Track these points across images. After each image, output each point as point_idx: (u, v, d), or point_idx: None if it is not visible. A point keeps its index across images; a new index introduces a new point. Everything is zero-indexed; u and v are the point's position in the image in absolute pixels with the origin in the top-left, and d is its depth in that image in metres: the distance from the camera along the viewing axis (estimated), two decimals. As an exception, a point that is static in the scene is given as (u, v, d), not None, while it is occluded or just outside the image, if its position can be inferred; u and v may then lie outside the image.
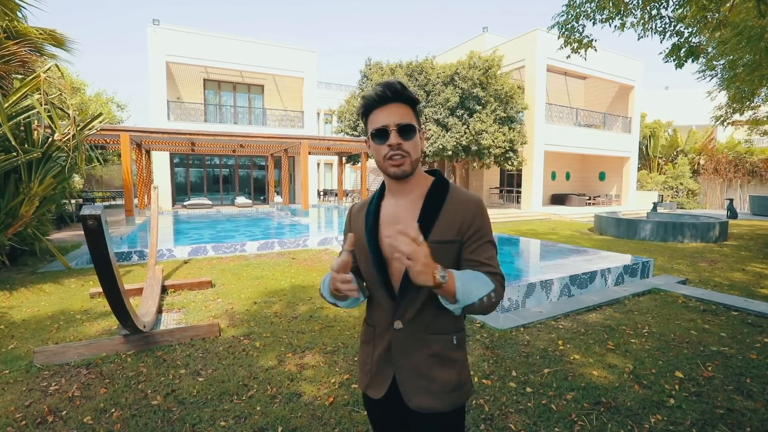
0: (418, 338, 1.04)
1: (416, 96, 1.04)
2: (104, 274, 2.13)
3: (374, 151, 1.03)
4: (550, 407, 2.30)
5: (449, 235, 1.01)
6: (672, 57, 5.79)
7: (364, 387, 1.14)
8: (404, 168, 1.00)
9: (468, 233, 1.02)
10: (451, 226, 1.01)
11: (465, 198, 1.05)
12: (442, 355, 1.04)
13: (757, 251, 7.95)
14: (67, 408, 2.29)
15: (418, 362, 1.04)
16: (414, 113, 1.03)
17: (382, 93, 1.00)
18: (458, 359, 1.07)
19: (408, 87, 1.02)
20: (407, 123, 1.00)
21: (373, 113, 1.02)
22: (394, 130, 0.99)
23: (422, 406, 1.03)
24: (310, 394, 2.47)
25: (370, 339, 1.13)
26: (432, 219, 1.01)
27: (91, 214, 1.80)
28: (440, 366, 1.04)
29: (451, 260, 1.03)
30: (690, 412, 2.24)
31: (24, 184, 4.99)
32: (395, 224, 1.02)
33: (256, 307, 4.15)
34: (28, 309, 4.04)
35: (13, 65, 4.75)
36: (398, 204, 1.07)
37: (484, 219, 1.05)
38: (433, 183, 1.07)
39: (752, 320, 3.70)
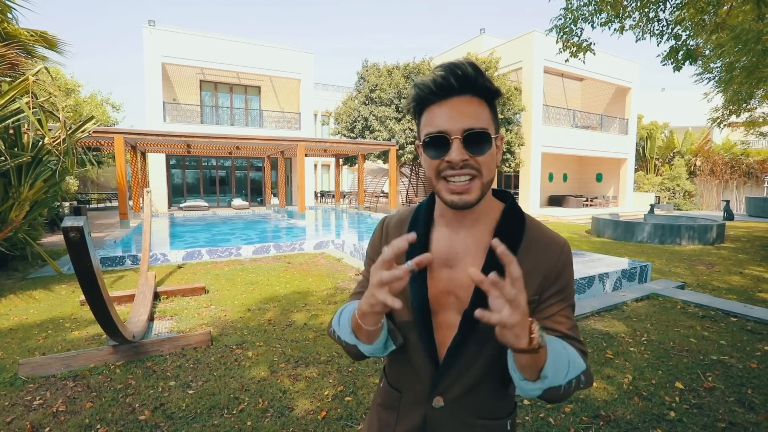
0: (464, 422, 0.79)
1: (496, 86, 0.71)
2: (88, 287, 2.07)
3: (426, 165, 0.73)
4: (548, 421, 2.25)
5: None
6: (670, 60, 5.77)
7: None
8: (468, 198, 0.70)
9: (549, 291, 0.74)
10: (528, 281, 0.71)
11: (548, 240, 0.76)
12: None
13: (754, 254, 7.94)
14: (51, 424, 2.22)
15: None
16: (491, 112, 0.72)
17: (444, 81, 0.68)
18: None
19: (482, 72, 0.69)
20: (480, 129, 0.68)
21: (428, 109, 0.71)
22: (458, 139, 0.68)
23: None
24: (303, 407, 2.40)
25: (393, 406, 0.85)
26: (503, 269, 0.68)
27: (72, 226, 1.74)
28: None
29: None
30: (691, 426, 2.19)
31: (14, 189, 4.91)
32: (450, 266, 0.76)
33: (250, 314, 4.08)
34: (16, 317, 3.96)
35: (2, 68, 4.67)
36: (455, 239, 0.77)
37: (571, 273, 0.76)
38: (504, 213, 0.77)
39: (752, 327, 3.66)
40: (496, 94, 0.71)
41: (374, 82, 15.91)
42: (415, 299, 0.77)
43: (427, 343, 0.76)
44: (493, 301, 0.57)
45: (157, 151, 15.47)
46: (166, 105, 17.15)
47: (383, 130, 15.52)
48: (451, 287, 0.76)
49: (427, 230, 0.80)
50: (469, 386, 0.76)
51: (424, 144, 0.71)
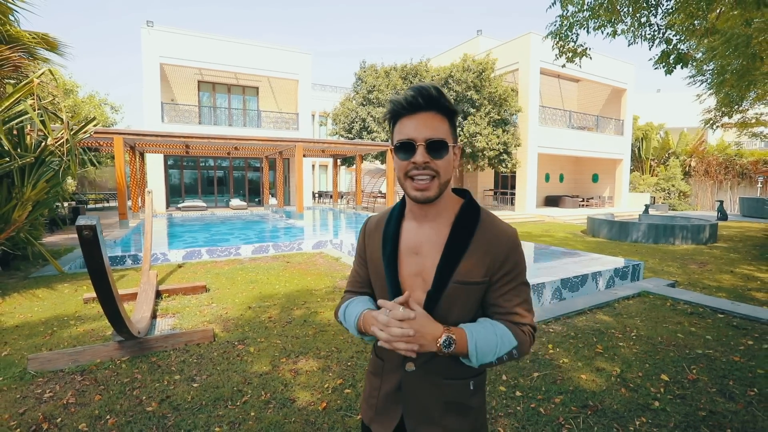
0: (432, 383, 0.94)
1: (454, 105, 0.89)
2: (99, 283, 2.16)
3: (397, 165, 0.90)
4: (538, 411, 2.35)
5: (476, 276, 0.88)
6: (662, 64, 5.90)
7: (368, 420, 1.05)
8: (428, 194, 0.86)
9: (498, 274, 0.89)
10: (478, 265, 0.88)
11: (498, 231, 0.90)
12: (457, 402, 0.94)
13: (746, 253, 8.09)
14: (62, 415, 2.31)
15: (430, 409, 0.94)
16: (450, 126, 0.88)
17: (413, 99, 0.85)
18: (474, 406, 0.96)
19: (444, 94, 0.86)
20: (439, 138, 0.84)
21: (400, 121, 0.88)
22: (422, 145, 0.84)
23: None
24: (304, 399, 2.50)
25: (378, 372, 1.03)
26: (459, 254, 0.88)
27: (86, 225, 1.83)
28: (454, 414, 0.94)
29: (475, 302, 0.91)
30: (674, 415, 2.30)
31: (17, 189, 4.98)
32: (416, 254, 0.93)
33: (251, 311, 4.17)
34: (21, 315, 4.04)
35: (6, 70, 4.74)
36: (420, 231, 0.93)
37: (519, 257, 0.91)
38: (462, 208, 0.93)
39: (737, 323, 3.78)
40: (454, 112, 0.89)
41: (372, 83, 16.02)
42: (389, 281, 0.94)
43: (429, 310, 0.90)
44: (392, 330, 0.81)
45: (155, 151, 15.51)
46: (164, 105, 17.19)
47: (381, 131, 15.63)
48: (418, 270, 0.92)
49: (398, 225, 0.97)
50: (434, 352, 0.87)
51: (395, 148, 0.88)
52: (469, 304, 0.91)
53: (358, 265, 1.07)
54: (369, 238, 1.03)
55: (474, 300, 0.91)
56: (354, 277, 1.09)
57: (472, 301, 0.91)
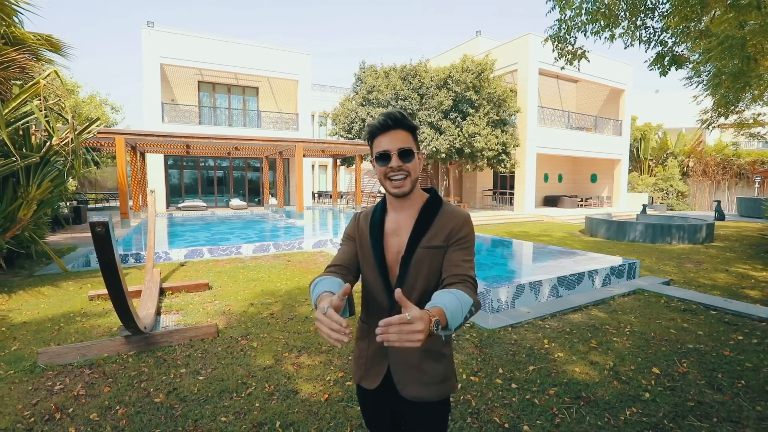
0: None
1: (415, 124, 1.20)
2: (110, 278, 2.24)
3: (378, 171, 1.18)
4: (533, 402, 2.44)
5: (438, 241, 1.15)
6: (657, 65, 5.99)
7: (358, 379, 1.26)
8: (404, 189, 1.15)
9: (454, 239, 1.16)
10: (440, 234, 1.16)
11: (455, 212, 1.21)
12: (432, 350, 1.17)
13: (742, 252, 8.18)
14: (73, 406, 2.39)
15: (410, 356, 1.16)
16: (413, 138, 1.18)
17: (384, 122, 1.14)
18: (446, 354, 1.21)
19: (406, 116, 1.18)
20: (407, 147, 1.14)
21: (376, 139, 1.17)
22: (395, 154, 1.13)
23: (414, 395, 1.16)
24: (307, 391, 2.59)
25: (365, 335, 1.26)
26: (425, 228, 1.17)
27: (99, 221, 1.91)
28: (430, 360, 1.17)
29: (437, 264, 1.16)
30: (663, 405, 2.39)
31: (22, 188, 5.06)
32: (397, 235, 1.20)
33: (253, 308, 4.25)
34: (28, 311, 4.12)
35: (12, 71, 4.82)
36: (399, 218, 1.22)
37: (470, 230, 1.19)
38: (428, 199, 1.23)
39: (729, 319, 3.87)
40: (415, 128, 1.20)
41: (372, 84, 16.10)
42: (376, 260, 1.20)
43: (386, 285, 1.19)
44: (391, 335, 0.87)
45: (156, 151, 15.58)
46: (164, 106, 17.26)
47: (380, 131, 15.67)
48: (398, 249, 1.20)
49: (383, 215, 1.25)
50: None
51: (375, 158, 1.17)
52: (434, 266, 1.16)
53: (346, 245, 1.31)
54: (360, 227, 1.28)
55: (437, 263, 1.16)
56: (338, 255, 1.30)
57: (436, 264, 1.16)
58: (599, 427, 2.19)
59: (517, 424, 2.23)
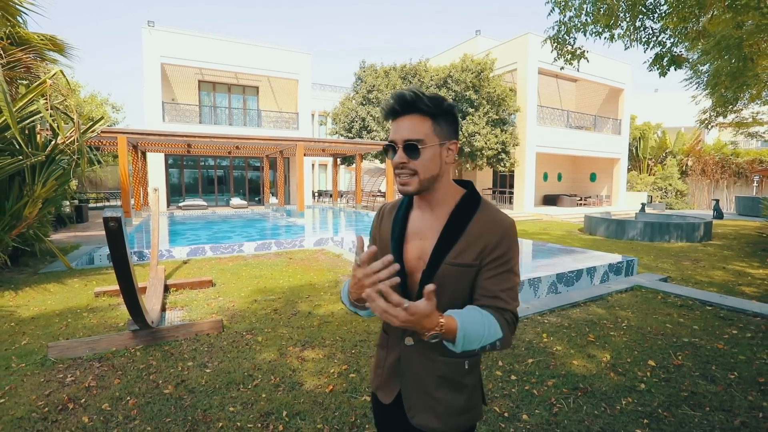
0: (428, 358, 0.99)
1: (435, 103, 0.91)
2: (122, 272, 2.31)
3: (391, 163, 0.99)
4: (532, 392, 2.51)
5: (468, 258, 0.93)
6: (656, 66, 6.05)
7: (374, 388, 1.14)
8: (408, 188, 0.94)
9: (489, 258, 0.93)
10: (471, 248, 0.93)
11: (493, 218, 0.95)
12: (450, 378, 0.99)
13: (739, 250, 8.26)
14: (85, 396, 2.46)
15: (424, 381, 1.00)
16: (434, 124, 0.92)
17: (391, 107, 0.93)
18: (469, 384, 1.01)
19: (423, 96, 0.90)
20: (414, 139, 0.91)
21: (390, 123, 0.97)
22: (400, 147, 0.92)
23: (424, 425, 1.00)
24: (311, 383, 2.66)
25: (384, 344, 1.11)
26: (454, 239, 0.94)
27: (112, 216, 1.98)
28: (448, 389, 0.99)
29: (466, 285, 0.95)
30: (658, 395, 2.46)
31: (28, 187, 5.13)
32: (420, 239, 0.99)
33: (257, 304, 4.32)
34: (36, 307, 4.18)
35: (18, 71, 4.88)
36: (424, 218, 1.01)
37: (511, 245, 0.94)
38: (463, 198, 0.99)
39: (724, 314, 3.95)
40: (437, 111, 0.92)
41: (371, 83, 16.17)
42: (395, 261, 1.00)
43: (402, 294, 0.93)
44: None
45: (157, 150, 15.65)
46: (165, 105, 17.32)
47: (380, 130, 15.78)
48: (420, 254, 0.99)
49: (407, 212, 1.05)
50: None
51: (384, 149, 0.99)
52: (461, 287, 0.95)
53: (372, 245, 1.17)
54: (382, 222, 1.11)
55: (465, 283, 0.95)
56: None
57: (464, 284, 0.95)
58: (596, 416, 2.26)
59: (516, 413, 2.30)
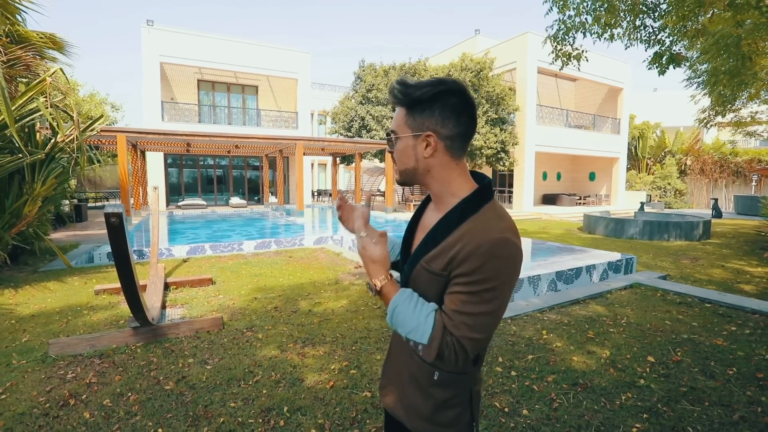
0: (406, 351, 0.97)
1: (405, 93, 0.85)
2: (123, 267, 2.31)
3: None
4: (532, 388, 2.52)
5: (437, 266, 0.83)
6: (655, 64, 6.07)
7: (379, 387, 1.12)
8: (397, 178, 0.95)
9: (456, 271, 0.80)
10: (443, 255, 0.82)
11: (481, 227, 0.80)
12: (420, 381, 0.93)
13: (738, 249, 8.27)
14: (86, 392, 2.46)
15: (401, 372, 0.99)
16: (407, 115, 0.86)
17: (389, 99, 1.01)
18: (437, 397, 0.91)
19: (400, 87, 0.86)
20: (390, 130, 0.92)
21: None
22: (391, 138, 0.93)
23: (391, 407, 1.01)
24: (312, 379, 2.66)
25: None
26: (437, 240, 0.85)
27: (114, 212, 1.98)
28: (415, 389, 0.94)
29: (435, 293, 0.86)
30: (657, 391, 2.47)
31: (27, 185, 5.12)
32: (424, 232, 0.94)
33: (257, 302, 4.32)
34: (35, 305, 4.18)
35: (18, 69, 4.88)
36: (431, 214, 0.96)
37: (485, 265, 0.77)
38: (466, 197, 0.86)
39: (723, 311, 3.96)
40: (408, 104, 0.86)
41: (371, 82, 16.16)
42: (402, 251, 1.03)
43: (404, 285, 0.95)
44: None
45: (156, 149, 15.63)
46: (164, 104, 17.30)
47: (380, 129, 15.78)
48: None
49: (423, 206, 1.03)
50: None
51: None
52: (430, 294, 0.87)
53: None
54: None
55: (434, 291, 0.86)
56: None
57: (433, 292, 0.86)
58: (596, 411, 2.27)
59: (516, 408, 2.31)
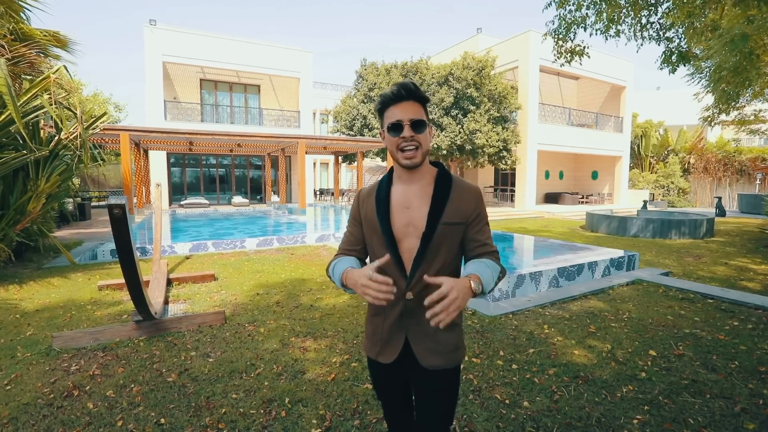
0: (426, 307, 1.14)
1: (427, 95, 1.19)
2: (126, 260, 2.33)
3: (389, 142, 1.17)
4: (533, 381, 2.52)
5: (458, 218, 1.17)
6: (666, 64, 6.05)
7: (374, 354, 1.28)
8: (415, 160, 1.15)
9: (472, 216, 1.20)
10: (458, 211, 1.17)
11: (467, 187, 1.23)
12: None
13: (741, 246, 8.24)
14: (90, 384, 2.48)
15: (426, 327, 1.18)
16: (424, 110, 1.17)
17: (398, 92, 1.14)
18: (458, 323, 1.25)
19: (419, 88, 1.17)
20: (419, 118, 1.14)
21: (388, 109, 1.16)
22: (408, 125, 1.13)
23: (433, 364, 1.20)
24: (314, 371, 2.67)
25: (380, 312, 1.26)
26: (443, 204, 1.17)
27: (117, 204, 2.00)
28: (445, 330, 1.20)
29: (457, 240, 1.20)
30: (658, 383, 2.47)
31: (32, 182, 5.16)
32: (406, 208, 1.19)
33: (259, 297, 4.34)
34: (40, 300, 4.22)
35: (22, 67, 4.91)
36: (408, 190, 1.21)
37: (484, 205, 1.25)
38: (439, 173, 1.23)
39: (726, 307, 3.95)
40: (427, 100, 1.19)
41: (373, 81, 16.17)
42: (384, 232, 1.19)
43: (396, 259, 1.18)
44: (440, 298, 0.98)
45: (159, 148, 15.68)
46: (166, 103, 17.36)
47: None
48: (408, 221, 1.19)
49: (388, 189, 1.24)
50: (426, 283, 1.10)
51: (387, 129, 1.16)
52: (454, 242, 1.19)
53: (352, 227, 1.33)
54: (363, 203, 1.29)
55: (456, 239, 1.19)
56: (347, 238, 1.33)
57: (455, 240, 1.19)
58: (596, 403, 2.27)
59: (517, 400, 2.31)
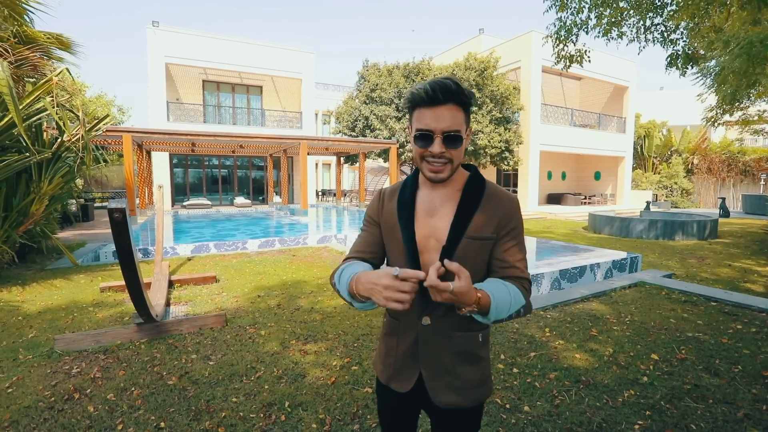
0: (445, 335, 1.03)
1: (470, 96, 0.95)
2: (127, 263, 2.33)
3: (415, 150, 0.99)
4: (534, 385, 2.51)
5: (487, 232, 0.99)
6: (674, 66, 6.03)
7: (385, 379, 1.12)
8: (442, 176, 0.97)
9: (504, 230, 1.01)
10: (488, 223, 0.99)
11: (503, 196, 1.03)
12: (467, 352, 1.04)
13: (745, 248, 8.19)
14: (91, 387, 2.49)
15: (443, 359, 1.03)
16: (465, 114, 0.96)
17: (433, 93, 0.91)
18: (483, 356, 1.07)
19: (461, 84, 0.93)
20: (455, 130, 0.93)
21: (419, 110, 0.95)
22: (439, 137, 0.93)
23: (448, 402, 1.04)
24: (314, 375, 2.67)
25: (394, 332, 1.10)
26: (470, 214, 0.99)
27: (117, 208, 2.00)
28: (465, 363, 1.04)
29: (484, 258, 1.01)
30: (660, 388, 2.45)
31: (35, 184, 5.19)
32: (431, 216, 1.03)
33: (260, 300, 4.34)
34: (42, 302, 4.23)
35: (25, 69, 4.93)
36: (434, 195, 1.04)
37: (520, 219, 1.04)
38: (470, 177, 1.05)
39: (729, 310, 3.92)
40: (469, 104, 0.96)
41: (375, 82, 16.17)
42: (406, 241, 1.02)
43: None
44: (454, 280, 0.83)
45: (161, 149, 15.74)
46: (169, 105, 17.42)
47: (384, 128, 15.78)
48: (432, 232, 1.02)
49: (413, 192, 1.07)
50: (448, 307, 0.99)
51: (414, 137, 0.97)
52: (480, 260, 1.01)
53: (369, 228, 1.13)
54: (385, 205, 1.10)
55: (483, 255, 1.01)
56: (360, 240, 1.13)
57: (482, 257, 1.01)
58: (598, 408, 2.26)
59: (518, 405, 2.30)
